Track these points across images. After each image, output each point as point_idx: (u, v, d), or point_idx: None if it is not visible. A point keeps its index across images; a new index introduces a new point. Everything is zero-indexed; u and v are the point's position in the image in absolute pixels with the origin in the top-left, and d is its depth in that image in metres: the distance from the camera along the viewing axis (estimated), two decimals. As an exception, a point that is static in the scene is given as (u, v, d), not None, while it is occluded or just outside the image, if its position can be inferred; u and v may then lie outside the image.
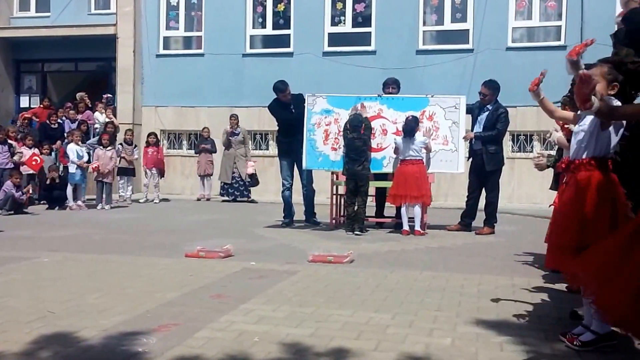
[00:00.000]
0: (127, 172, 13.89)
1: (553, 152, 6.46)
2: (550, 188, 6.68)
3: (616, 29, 4.45)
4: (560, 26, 14.86)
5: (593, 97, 3.23)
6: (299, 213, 10.00)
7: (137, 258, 6.59)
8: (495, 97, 9.09)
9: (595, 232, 3.53)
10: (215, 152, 15.03)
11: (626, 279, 2.86)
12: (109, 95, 16.57)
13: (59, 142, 14.19)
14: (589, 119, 3.80)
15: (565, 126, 5.06)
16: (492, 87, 9.08)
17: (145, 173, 14.56)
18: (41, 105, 16.56)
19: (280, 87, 9.63)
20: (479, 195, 9.30)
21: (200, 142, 15.33)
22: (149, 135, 14.80)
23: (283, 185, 9.85)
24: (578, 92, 3.29)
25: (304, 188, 9.76)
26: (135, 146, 14.26)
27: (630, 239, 2.95)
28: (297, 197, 9.90)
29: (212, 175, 15.00)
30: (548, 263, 4.20)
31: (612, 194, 3.66)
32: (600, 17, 12.80)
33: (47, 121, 14.76)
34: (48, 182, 12.62)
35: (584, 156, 3.77)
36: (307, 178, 9.77)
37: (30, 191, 12.11)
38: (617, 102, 3.63)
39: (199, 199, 14.79)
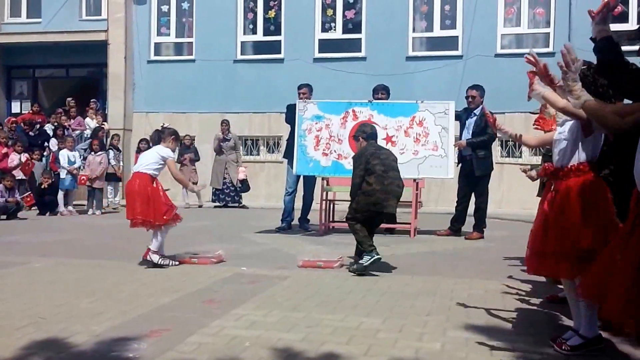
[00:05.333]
0: (113, 177, 13.86)
1: (537, 162, 6.61)
2: (538, 195, 6.74)
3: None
4: (549, 33, 14.98)
5: (579, 90, 3.21)
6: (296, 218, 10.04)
7: (129, 263, 6.60)
8: (483, 99, 9.19)
9: (592, 236, 3.56)
10: (198, 160, 15.01)
11: (622, 280, 2.90)
12: (94, 100, 16.56)
13: (48, 147, 14.18)
14: (567, 125, 3.86)
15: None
16: (480, 88, 9.19)
17: None
18: (31, 111, 16.53)
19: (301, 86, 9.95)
20: (469, 200, 9.35)
21: (183, 150, 15.25)
22: (140, 141, 14.78)
23: (286, 190, 9.92)
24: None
25: (305, 194, 9.85)
26: (120, 151, 14.26)
27: (621, 239, 2.98)
28: (299, 204, 9.98)
29: (197, 183, 14.91)
30: (536, 270, 4.21)
31: (603, 198, 3.71)
32: (588, 24, 12.87)
33: (22, 125, 14.73)
34: (44, 187, 12.58)
35: (571, 162, 3.81)
36: (309, 184, 9.86)
37: (18, 198, 12.03)
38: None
39: (186, 207, 14.74)
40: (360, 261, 6.09)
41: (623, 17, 14.26)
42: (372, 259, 5.99)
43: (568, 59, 3.20)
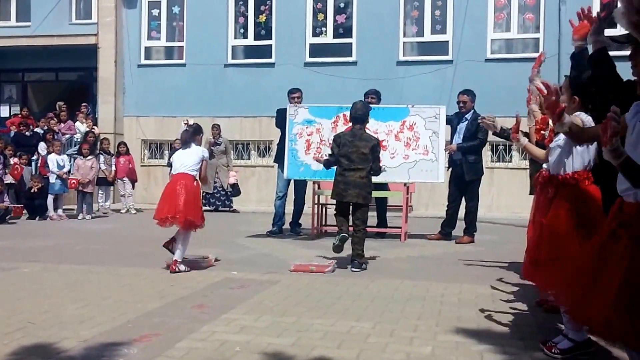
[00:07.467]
0: (104, 182, 13.80)
1: (526, 166, 6.68)
2: (530, 193, 6.78)
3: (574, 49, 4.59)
4: (538, 38, 15.05)
5: (566, 114, 3.29)
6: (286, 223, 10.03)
7: (118, 268, 6.57)
8: (474, 103, 9.24)
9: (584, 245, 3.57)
10: None
11: (603, 290, 2.89)
12: (85, 104, 16.51)
13: (37, 151, 14.07)
14: (562, 134, 3.90)
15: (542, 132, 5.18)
16: (471, 93, 9.25)
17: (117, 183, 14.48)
18: (20, 115, 16.43)
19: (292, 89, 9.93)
20: (459, 204, 9.38)
21: (173, 154, 15.18)
22: (119, 145, 14.76)
23: (277, 194, 9.91)
24: (549, 105, 3.37)
25: (296, 198, 9.85)
26: (112, 155, 14.23)
27: (601, 249, 2.98)
28: (290, 208, 9.97)
29: None
30: (531, 276, 4.23)
31: (596, 207, 3.74)
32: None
33: (19, 129, 14.68)
34: (33, 190, 12.51)
35: (566, 171, 3.84)
36: (300, 189, 9.86)
37: (7, 202, 11.96)
38: (588, 120, 3.71)
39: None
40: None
41: (610, 23, 14.35)
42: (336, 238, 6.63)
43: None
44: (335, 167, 7.02)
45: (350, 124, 9.11)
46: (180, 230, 6.47)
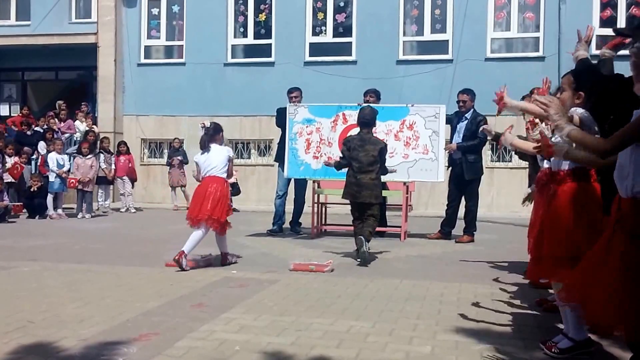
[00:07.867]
0: (104, 180, 13.80)
1: (526, 165, 6.70)
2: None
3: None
4: (538, 37, 15.06)
5: (563, 122, 3.31)
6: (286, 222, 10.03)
7: (117, 267, 6.56)
8: (474, 103, 9.23)
9: (588, 240, 3.57)
10: (187, 163, 14.95)
11: (606, 283, 2.93)
12: (84, 103, 16.53)
13: (37, 150, 14.08)
14: None
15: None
16: (470, 92, 9.24)
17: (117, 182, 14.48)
18: (20, 114, 16.44)
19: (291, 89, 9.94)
20: (459, 203, 9.38)
21: (172, 153, 15.22)
22: (119, 144, 14.74)
23: (277, 193, 9.91)
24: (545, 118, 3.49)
25: (296, 197, 9.85)
26: (112, 154, 14.23)
27: (608, 245, 3.02)
28: (290, 207, 9.97)
29: (185, 186, 14.82)
30: (534, 275, 4.23)
31: (598, 202, 3.74)
32: (577, 28, 12.97)
33: (20, 127, 14.72)
34: (33, 189, 12.51)
35: (567, 167, 3.84)
36: (300, 188, 9.86)
37: (7, 201, 11.97)
38: (586, 117, 3.71)
39: (175, 209, 14.71)
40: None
41: (611, 22, 14.36)
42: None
43: (543, 105, 3.38)
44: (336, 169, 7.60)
45: (350, 123, 9.17)
46: (215, 232, 6.70)
